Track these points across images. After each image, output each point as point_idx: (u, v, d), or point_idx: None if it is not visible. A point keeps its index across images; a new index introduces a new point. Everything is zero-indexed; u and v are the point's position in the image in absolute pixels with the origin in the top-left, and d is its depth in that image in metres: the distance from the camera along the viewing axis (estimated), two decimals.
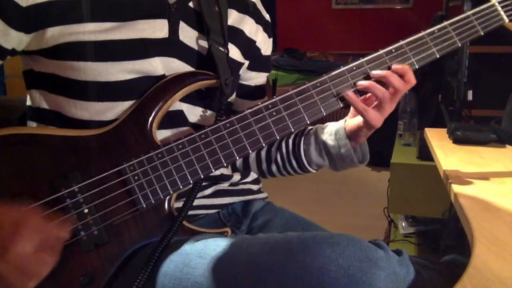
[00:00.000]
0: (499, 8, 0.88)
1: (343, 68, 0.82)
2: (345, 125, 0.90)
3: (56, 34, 0.74)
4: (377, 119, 0.82)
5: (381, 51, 0.83)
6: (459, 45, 0.86)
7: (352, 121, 0.88)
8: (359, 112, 0.82)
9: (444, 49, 0.85)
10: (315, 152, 0.93)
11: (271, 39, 0.99)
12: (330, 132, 0.91)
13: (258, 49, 0.95)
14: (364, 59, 0.83)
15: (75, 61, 0.75)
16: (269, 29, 0.97)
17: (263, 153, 0.99)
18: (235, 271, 0.65)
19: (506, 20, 0.88)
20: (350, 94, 0.80)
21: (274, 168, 0.99)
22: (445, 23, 0.86)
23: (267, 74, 1.00)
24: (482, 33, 0.87)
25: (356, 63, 0.82)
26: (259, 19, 0.94)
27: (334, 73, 0.81)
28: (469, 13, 0.86)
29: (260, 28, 0.95)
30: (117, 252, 0.72)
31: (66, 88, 0.77)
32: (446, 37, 0.85)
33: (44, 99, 0.80)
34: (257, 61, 0.96)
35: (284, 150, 0.96)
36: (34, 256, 0.62)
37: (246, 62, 0.93)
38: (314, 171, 0.97)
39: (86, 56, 0.74)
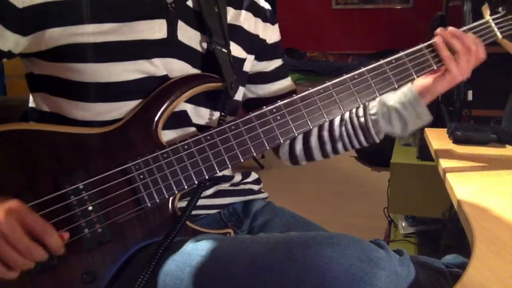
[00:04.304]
0: (493, 25, 0.93)
1: (345, 76, 0.84)
2: (413, 85, 0.92)
3: (55, 36, 0.73)
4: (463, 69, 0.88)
5: (382, 61, 0.86)
6: None
7: (422, 81, 0.91)
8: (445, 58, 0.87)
9: (440, 62, 0.89)
10: (383, 121, 0.93)
11: (275, 26, 0.98)
12: (399, 95, 0.92)
13: (263, 41, 0.96)
14: (366, 68, 0.85)
15: (75, 63, 0.74)
16: (270, 16, 0.97)
17: (325, 134, 0.98)
18: (236, 271, 0.65)
19: (500, 36, 0.93)
20: (438, 41, 0.87)
21: (339, 145, 0.98)
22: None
23: (279, 59, 1.01)
24: None
25: (359, 71, 0.85)
26: (257, 12, 0.94)
27: (336, 80, 0.83)
28: (464, 28, 0.91)
29: (259, 20, 0.95)
30: (120, 251, 0.72)
31: (66, 90, 0.77)
32: None
33: (46, 102, 0.80)
34: (266, 51, 0.96)
35: (349, 125, 0.96)
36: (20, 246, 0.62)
37: (250, 57, 0.93)
38: (379, 140, 0.97)
39: (86, 57, 0.74)
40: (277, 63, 1.00)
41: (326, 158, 1.02)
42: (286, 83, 1.01)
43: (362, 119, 0.94)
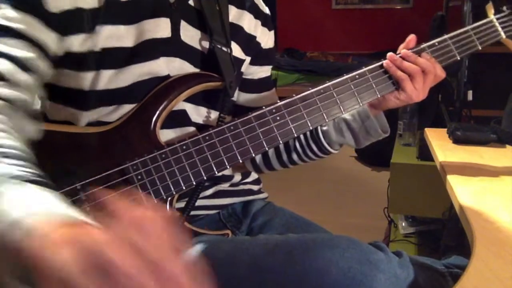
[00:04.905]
0: (497, 24, 0.92)
1: (346, 76, 0.83)
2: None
3: (76, 43, 0.73)
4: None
5: (383, 61, 0.85)
6: (458, 58, 0.89)
7: None
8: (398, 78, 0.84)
9: (443, 62, 0.88)
10: (334, 132, 0.93)
11: (271, 32, 0.98)
12: None
13: (259, 44, 0.95)
14: (367, 68, 0.84)
15: (89, 71, 0.73)
16: (268, 22, 0.97)
17: (280, 145, 0.98)
18: (235, 272, 0.65)
19: (503, 36, 0.92)
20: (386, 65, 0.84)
21: (295, 156, 0.98)
22: (445, 36, 0.89)
23: (270, 67, 1.00)
24: (480, 48, 0.90)
25: (359, 71, 0.84)
26: (257, 14, 0.94)
27: (337, 80, 0.82)
28: (468, 27, 0.90)
29: (259, 23, 0.95)
30: None
31: (75, 99, 0.76)
32: (446, 50, 0.88)
33: (53, 110, 0.79)
34: (258, 56, 0.96)
35: (302, 136, 0.96)
36: None
37: (248, 58, 0.93)
38: (335, 151, 0.96)
39: (100, 65, 0.74)
40: (266, 71, 0.99)
41: (285, 167, 1.02)
42: (270, 95, 1.00)
43: (314, 131, 0.93)
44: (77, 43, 0.73)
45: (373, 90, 0.84)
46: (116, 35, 0.74)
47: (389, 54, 0.85)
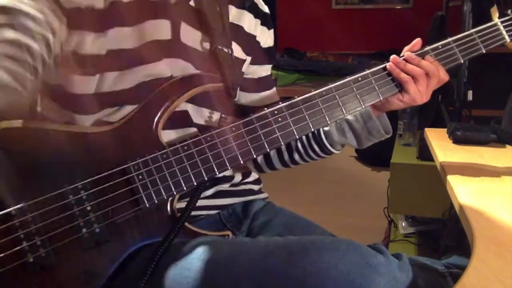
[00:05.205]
0: (501, 28, 0.91)
1: (349, 78, 0.83)
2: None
3: (86, 43, 0.73)
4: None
5: (386, 64, 0.85)
6: (462, 62, 0.89)
7: None
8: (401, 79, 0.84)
9: (447, 65, 0.87)
10: (336, 133, 0.93)
11: (271, 31, 0.98)
12: None
13: (258, 43, 0.95)
14: (370, 71, 0.84)
15: (94, 74, 0.74)
16: (267, 21, 0.97)
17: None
18: (235, 275, 0.65)
19: (508, 39, 0.92)
20: (389, 67, 0.83)
21: (296, 156, 0.99)
22: (449, 39, 0.88)
23: (270, 66, 1.00)
24: (484, 51, 0.90)
25: (362, 74, 0.84)
26: (257, 13, 0.94)
27: (339, 82, 0.82)
28: (472, 31, 0.90)
29: (259, 22, 0.95)
30: (118, 251, 0.72)
31: (80, 104, 0.76)
32: (450, 53, 0.88)
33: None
34: (258, 55, 0.96)
35: (303, 136, 0.96)
36: None
37: (248, 58, 0.93)
38: (337, 152, 0.97)
39: (104, 67, 0.74)
40: (266, 70, 0.99)
41: (287, 167, 1.03)
42: (271, 94, 1.00)
43: (316, 131, 0.94)
44: (87, 43, 0.73)
45: (376, 92, 0.84)
46: (120, 37, 0.74)
47: (393, 56, 0.85)
